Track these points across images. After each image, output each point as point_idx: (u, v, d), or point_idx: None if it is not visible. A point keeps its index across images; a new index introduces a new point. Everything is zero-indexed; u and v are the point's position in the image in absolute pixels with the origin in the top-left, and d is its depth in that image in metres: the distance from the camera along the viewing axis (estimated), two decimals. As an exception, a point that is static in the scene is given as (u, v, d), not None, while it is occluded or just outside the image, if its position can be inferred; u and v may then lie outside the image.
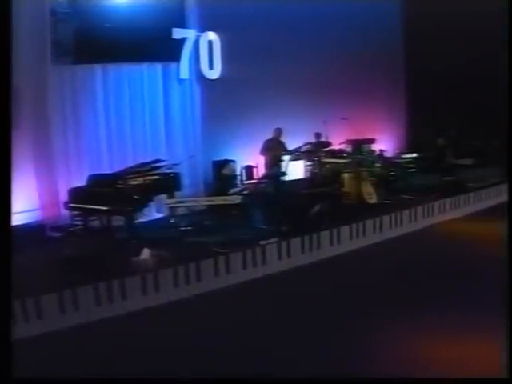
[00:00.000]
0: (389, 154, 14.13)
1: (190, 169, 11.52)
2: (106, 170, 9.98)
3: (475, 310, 6.33)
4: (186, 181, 10.98)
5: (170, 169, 9.94)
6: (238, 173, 11.48)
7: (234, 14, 12.07)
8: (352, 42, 14.59)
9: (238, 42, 12.16)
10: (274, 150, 11.16)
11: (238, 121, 12.07)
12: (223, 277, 7.95)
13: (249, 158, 12.19)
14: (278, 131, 11.46)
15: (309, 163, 12.30)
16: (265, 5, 12.62)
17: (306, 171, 12.68)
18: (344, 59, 14.39)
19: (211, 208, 9.68)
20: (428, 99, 15.89)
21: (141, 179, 9.26)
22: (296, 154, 11.36)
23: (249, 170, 12.05)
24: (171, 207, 9.75)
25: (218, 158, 11.81)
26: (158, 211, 10.68)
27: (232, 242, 8.52)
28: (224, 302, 7.41)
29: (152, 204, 9.99)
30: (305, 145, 11.27)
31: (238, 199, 9.10)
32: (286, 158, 11.17)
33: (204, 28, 12.11)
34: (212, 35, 12.18)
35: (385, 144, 14.91)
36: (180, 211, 9.91)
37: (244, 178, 11.76)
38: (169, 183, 9.86)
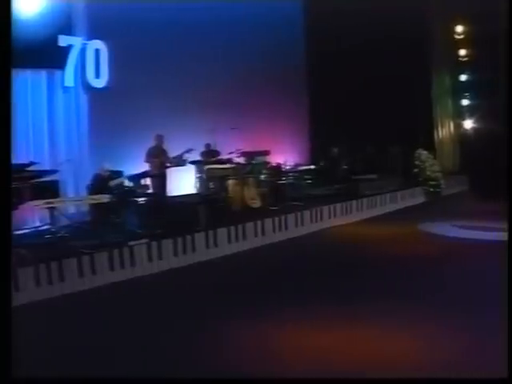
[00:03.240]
0: (285, 165, 14.63)
1: (75, 178, 11.72)
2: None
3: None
4: (69, 190, 11.21)
5: (49, 175, 10.07)
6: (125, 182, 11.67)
7: (122, 23, 12.42)
8: (250, 52, 15.26)
9: (125, 50, 12.47)
10: (158, 157, 11.46)
11: (125, 129, 12.30)
12: (88, 277, 8.19)
13: (135, 166, 12.44)
14: (160, 138, 11.79)
15: (197, 170, 12.65)
16: (154, 14, 13.03)
17: (191, 177, 13.00)
18: (244, 70, 14.98)
19: (89, 212, 9.91)
20: (327, 111, 16.67)
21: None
22: (182, 160, 11.67)
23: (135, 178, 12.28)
24: (50, 214, 9.89)
25: (104, 167, 11.94)
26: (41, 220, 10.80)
27: (102, 244, 8.71)
28: (88, 303, 7.53)
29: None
30: (187, 151, 11.61)
31: (105, 198, 9.36)
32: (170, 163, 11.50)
33: (91, 36, 12.39)
34: (99, 44, 12.47)
35: (285, 155, 15.41)
36: (58, 217, 10.05)
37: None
38: (46, 190, 9.99)
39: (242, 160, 13.18)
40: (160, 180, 10.82)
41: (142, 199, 10.15)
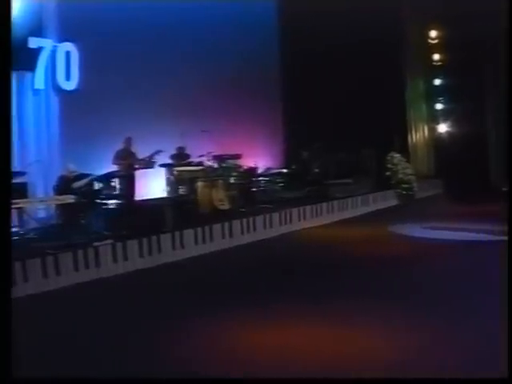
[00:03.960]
0: (256, 168, 14.84)
1: (44, 180, 11.82)
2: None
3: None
4: (39, 191, 11.34)
5: (17, 177, 10.17)
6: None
7: (92, 25, 12.56)
8: (223, 54, 15.47)
9: (96, 53, 12.60)
10: (126, 159, 11.59)
11: (95, 131, 12.41)
12: (52, 278, 8.33)
13: (106, 168, 12.56)
14: (128, 141, 11.93)
15: (167, 173, 12.78)
16: (124, 16, 13.21)
17: (161, 180, 13.13)
18: (216, 72, 15.19)
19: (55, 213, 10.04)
20: (300, 114, 16.91)
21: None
22: (150, 162, 11.81)
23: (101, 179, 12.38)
24: (18, 216, 10.00)
25: (69, 168, 11.99)
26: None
27: (67, 244, 8.85)
28: (52, 304, 7.62)
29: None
30: (156, 152, 11.74)
31: (70, 199, 9.50)
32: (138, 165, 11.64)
33: (62, 38, 12.51)
34: (69, 46, 12.58)
35: (257, 159, 15.57)
36: (25, 218, 10.17)
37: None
38: (14, 191, 10.08)
39: (212, 163, 13.34)
40: (128, 182, 10.94)
41: (109, 200, 10.28)
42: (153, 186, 12.92)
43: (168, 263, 9.76)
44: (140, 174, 12.15)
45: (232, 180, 12.97)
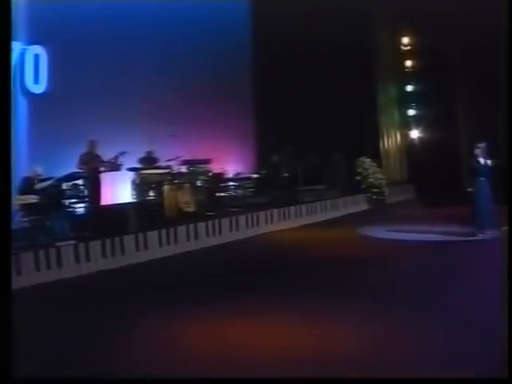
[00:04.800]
0: (226, 173, 15.04)
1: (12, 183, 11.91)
2: None
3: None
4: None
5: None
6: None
7: (62, 28, 12.66)
8: (194, 57, 15.59)
9: (65, 56, 12.72)
10: (89, 163, 11.69)
11: (64, 134, 12.47)
12: (14, 278, 8.42)
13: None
14: (92, 144, 12.01)
15: (133, 176, 12.86)
16: (93, 20, 13.33)
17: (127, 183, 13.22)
18: (187, 76, 15.35)
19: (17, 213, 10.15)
20: (272, 118, 17.16)
21: None
22: (116, 164, 11.91)
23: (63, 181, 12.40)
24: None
25: (36, 170, 12.06)
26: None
27: (29, 244, 8.97)
28: (14, 304, 7.71)
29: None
30: (120, 154, 11.85)
31: (32, 199, 9.64)
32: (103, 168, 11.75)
33: (30, 41, 12.62)
34: (38, 49, 12.69)
35: (227, 163, 15.74)
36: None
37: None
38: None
39: (181, 167, 13.49)
40: (92, 184, 11.00)
41: (72, 202, 10.42)
42: (122, 190, 13.03)
43: (132, 264, 9.92)
44: (109, 179, 12.14)
45: (199, 183, 13.10)
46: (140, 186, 12.10)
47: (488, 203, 10.91)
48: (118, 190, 11.74)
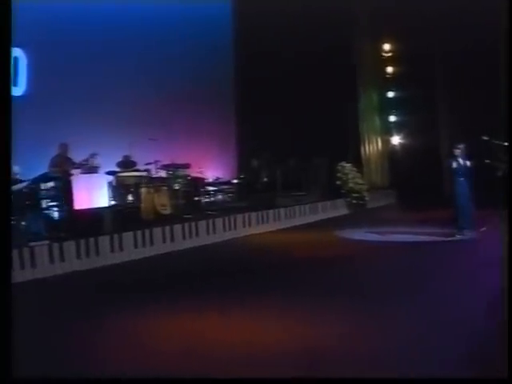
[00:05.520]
0: (205, 177, 15.21)
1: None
2: None
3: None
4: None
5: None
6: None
7: (41, 31, 12.83)
8: (175, 59, 15.78)
9: (44, 59, 12.92)
10: (60, 166, 11.77)
11: (42, 137, 12.59)
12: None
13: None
14: (64, 147, 12.10)
15: (110, 179, 12.99)
16: (72, 21, 13.50)
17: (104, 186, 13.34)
18: (167, 79, 15.55)
19: None
20: (253, 122, 17.34)
21: None
22: (92, 167, 12.04)
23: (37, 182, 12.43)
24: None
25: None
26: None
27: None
28: None
29: None
30: (91, 156, 11.96)
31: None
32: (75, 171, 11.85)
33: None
34: (18, 51, 12.79)
35: (206, 168, 15.90)
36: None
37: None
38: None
39: (160, 171, 13.63)
40: (64, 186, 11.02)
41: (47, 202, 10.51)
42: (99, 193, 13.13)
43: (106, 266, 10.03)
44: (85, 181, 12.19)
45: (177, 187, 13.22)
46: (117, 189, 12.25)
47: (468, 203, 11.15)
48: (95, 193, 11.86)
